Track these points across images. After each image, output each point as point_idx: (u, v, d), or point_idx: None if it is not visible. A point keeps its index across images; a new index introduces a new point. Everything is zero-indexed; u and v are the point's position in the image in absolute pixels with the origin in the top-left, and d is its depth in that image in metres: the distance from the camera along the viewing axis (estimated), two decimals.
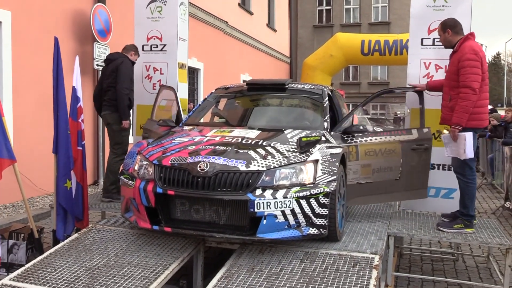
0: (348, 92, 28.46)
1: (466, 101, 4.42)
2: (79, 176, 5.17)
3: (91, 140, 9.68)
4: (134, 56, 6.16)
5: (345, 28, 29.99)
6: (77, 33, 9.37)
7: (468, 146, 4.46)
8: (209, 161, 3.88)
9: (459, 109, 4.45)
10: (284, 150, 4.09)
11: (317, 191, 3.83)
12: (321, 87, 5.48)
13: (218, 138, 4.38)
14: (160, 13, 6.68)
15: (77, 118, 5.20)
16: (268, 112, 5.49)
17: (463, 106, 4.43)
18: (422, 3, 5.51)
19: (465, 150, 4.46)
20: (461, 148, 4.49)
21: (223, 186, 3.79)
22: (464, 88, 4.43)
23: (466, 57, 4.47)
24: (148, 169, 4.11)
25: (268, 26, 21.50)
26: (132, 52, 6.16)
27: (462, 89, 4.46)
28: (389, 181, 4.87)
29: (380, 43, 14.04)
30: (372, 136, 4.83)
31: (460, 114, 4.45)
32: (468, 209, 4.67)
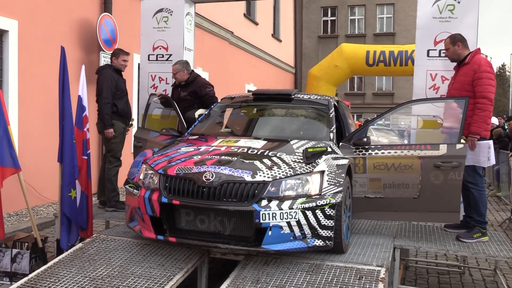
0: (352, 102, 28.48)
1: (484, 111, 4.55)
2: (84, 186, 5.17)
3: (96, 149, 9.69)
4: (117, 61, 6.13)
5: (350, 39, 30.05)
6: (83, 42, 9.42)
7: (492, 154, 4.58)
8: (215, 171, 3.87)
9: (478, 119, 4.56)
10: (290, 161, 4.08)
11: (323, 202, 3.81)
12: (327, 98, 5.48)
13: (224, 148, 4.37)
14: (166, 23, 6.72)
15: (82, 127, 5.21)
16: (274, 122, 5.48)
17: (482, 116, 4.55)
18: (429, 15, 5.51)
19: (489, 157, 4.57)
20: (483, 156, 4.58)
21: (228, 197, 3.77)
22: (482, 99, 4.56)
23: (483, 69, 4.61)
24: (153, 179, 4.10)
25: (273, 37, 21.56)
26: (113, 57, 6.17)
27: (479, 99, 4.57)
28: (405, 199, 4.63)
29: (385, 54, 14.06)
30: (385, 149, 4.65)
31: (479, 124, 4.55)
32: (484, 217, 4.76)
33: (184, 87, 6.32)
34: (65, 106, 4.97)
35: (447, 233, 4.99)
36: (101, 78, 5.97)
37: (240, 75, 17.45)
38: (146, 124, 6.08)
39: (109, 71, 6.02)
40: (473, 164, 4.66)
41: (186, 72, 6.31)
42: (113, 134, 5.91)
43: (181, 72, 6.28)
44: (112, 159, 5.93)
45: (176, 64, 6.30)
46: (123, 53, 6.18)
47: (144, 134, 5.85)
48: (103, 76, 5.97)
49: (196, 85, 6.30)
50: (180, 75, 6.29)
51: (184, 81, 6.31)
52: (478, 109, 4.57)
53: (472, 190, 4.73)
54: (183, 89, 6.32)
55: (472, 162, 4.64)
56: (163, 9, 6.73)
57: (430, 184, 4.57)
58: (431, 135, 5.31)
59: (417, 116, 5.44)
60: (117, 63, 6.13)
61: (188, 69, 6.35)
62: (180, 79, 6.30)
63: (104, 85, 5.91)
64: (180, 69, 6.27)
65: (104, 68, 6.08)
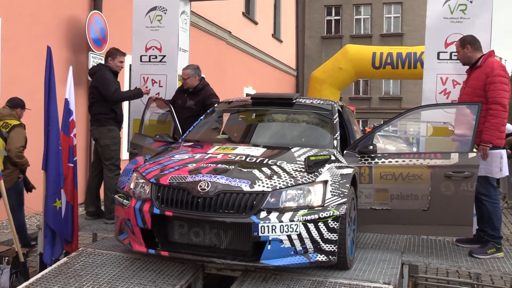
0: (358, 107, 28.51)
1: (497, 118, 4.50)
2: (70, 195, 5.15)
3: (83, 156, 9.68)
4: (113, 62, 6.08)
5: (355, 40, 30.13)
6: (71, 42, 9.43)
7: (505, 164, 4.53)
8: (211, 181, 3.87)
9: (490, 126, 4.51)
10: (291, 170, 4.08)
11: (326, 214, 3.80)
12: (330, 103, 5.48)
13: (220, 156, 4.37)
14: (160, 22, 6.73)
15: (69, 133, 5.20)
16: (274, 128, 5.48)
17: (494, 123, 4.51)
18: (439, 15, 5.53)
19: (501, 168, 4.52)
20: (495, 166, 4.53)
21: (225, 208, 3.77)
22: (495, 105, 4.52)
23: (496, 73, 4.57)
24: (145, 188, 4.10)
25: (274, 37, 21.63)
26: (109, 58, 6.11)
27: (492, 105, 4.53)
28: (414, 211, 4.63)
29: (392, 56, 14.11)
30: (392, 158, 4.65)
31: (491, 132, 4.51)
32: (499, 231, 4.73)
33: (192, 95, 6.31)
34: (50, 110, 4.96)
35: (459, 249, 4.98)
36: (99, 79, 5.90)
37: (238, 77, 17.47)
38: (143, 129, 6.08)
39: (107, 71, 5.98)
40: (486, 174, 4.64)
41: (197, 78, 6.32)
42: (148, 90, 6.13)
43: (193, 78, 6.28)
44: (112, 167, 5.89)
45: (188, 69, 6.29)
46: (119, 53, 6.14)
47: (140, 141, 5.84)
48: (102, 76, 5.90)
49: (205, 94, 6.29)
50: (191, 81, 6.28)
51: (193, 88, 6.31)
52: (491, 116, 4.54)
53: (485, 202, 4.72)
54: (190, 96, 6.31)
55: (484, 172, 4.62)
56: (156, 7, 6.75)
57: (440, 195, 4.55)
58: (442, 143, 5.31)
59: (426, 122, 5.45)
60: (113, 64, 6.09)
61: (200, 74, 6.37)
62: (190, 85, 6.30)
63: (105, 82, 5.84)
64: (192, 74, 6.26)
65: (101, 69, 6.02)
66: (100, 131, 5.93)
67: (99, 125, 5.93)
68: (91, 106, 6.04)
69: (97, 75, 5.95)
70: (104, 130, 5.91)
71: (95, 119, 5.98)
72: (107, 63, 6.10)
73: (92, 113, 6.03)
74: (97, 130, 5.94)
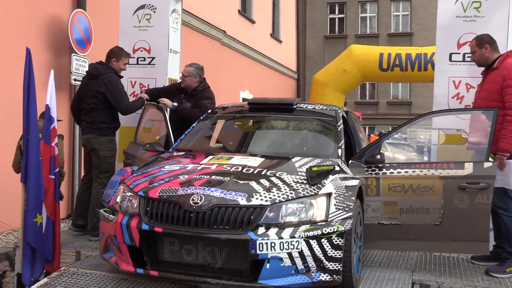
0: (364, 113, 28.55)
1: None
2: (51, 210, 5.15)
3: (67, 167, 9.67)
4: (117, 64, 6.02)
5: (361, 40, 30.23)
6: (52, 43, 9.45)
7: None
8: (204, 194, 3.87)
9: (507, 133, 4.52)
10: (291, 182, 4.08)
11: (330, 230, 3.80)
12: (334, 108, 5.50)
13: (214, 167, 4.37)
14: (148, 21, 6.75)
15: (50, 142, 5.20)
16: (273, 136, 5.49)
17: (511, 130, 4.50)
18: (451, 13, 5.56)
19: None
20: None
21: (219, 223, 3.77)
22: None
23: None
24: (132, 202, 4.10)
25: (272, 37, 21.70)
26: (113, 59, 6.02)
27: (509, 111, 4.55)
28: (425, 226, 4.63)
29: (401, 57, 14.16)
30: (402, 168, 4.65)
31: (508, 139, 4.52)
32: None
33: (189, 96, 6.33)
34: (30, 118, 4.96)
35: (474, 266, 4.98)
36: (110, 87, 5.79)
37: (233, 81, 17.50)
38: (139, 138, 6.07)
39: (116, 76, 5.92)
40: (503, 186, 4.65)
41: (197, 79, 6.34)
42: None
43: (193, 78, 6.30)
44: (106, 181, 5.75)
45: (191, 67, 6.32)
46: (124, 54, 6.09)
47: (134, 150, 5.84)
48: (113, 83, 5.81)
49: (202, 96, 6.31)
50: (191, 80, 6.31)
51: (192, 90, 6.32)
52: (508, 122, 4.56)
53: (503, 216, 4.71)
54: (187, 97, 6.33)
55: (501, 183, 4.63)
56: (145, 6, 6.77)
57: (454, 208, 4.56)
58: (455, 151, 5.32)
59: (438, 129, 5.46)
60: (117, 67, 6.01)
61: (201, 76, 6.39)
62: (188, 85, 6.32)
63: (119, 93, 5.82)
64: (193, 73, 6.29)
65: (108, 72, 5.90)
66: (100, 141, 5.87)
67: (100, 134, 5.87)
68: (89, 112, 5.92)
69: (106, 81, 5.83)
70: (105, 140, 5.88)
71: (96, 127, 5.88)
72: (111, 64, 6.00)
73: (90, 120, 5.91)
74: (97, 139, 5.86)
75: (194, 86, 6.35)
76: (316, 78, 15.51)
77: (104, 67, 6.01)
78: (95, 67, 6.06)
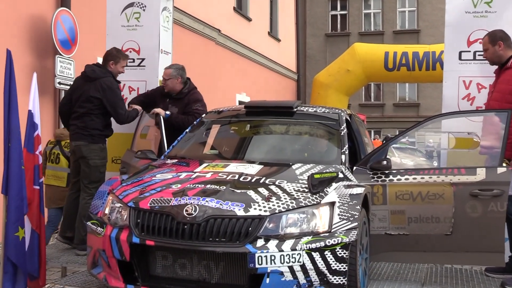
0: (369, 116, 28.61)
1: None
2: (35, 223, 5.13)
3: None
4: (115, 67, 6.00)
5: (365, 37, 30.31)
6: (35, 44, 9.45)
7: None
8: (198, 204, 3.87)
9: None
10: (292, 190, 4.09)
11: (333, 241, 3.81)
12: (337, 111, 5.51)
13: (209, 175, 4.38)
14: (138, 20, 6.76)
15: (33, 150, 5.18)
16: (272, 142, 5.51)
17: None
18: (460, 9, 5.58)
19: None
20: None
21: (215, 235, 3.77)
22: None
23: None
24: (122, 213, 4.10)
25: (270, 35, 21.73)
26: (110, 62, 6.00)
27: None
28: (435, 236, 4.63)
29: (407, 56, 14.20)
30: (409, 175, 4.67)
31: None
32: None
33: (175, 101, 6.29)
34: (11, 124, 4.95)
35: (489, 279, 4.97)
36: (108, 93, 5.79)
37: (229, 83, 17.52)
38: (135, 145, 6.07)
39: (115, 82, 5.93)
40: None
41: (180, 80, 6.28)
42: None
43: (174, 80, 6.25)
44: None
45: (171, 69, 6.28)
46: (123, 56, 6.10)
47: (129, 158, 5.84)
48: (112, 90, 5.82)
49: (189, 100, 6.28)
50: (173, 83, 6.26)
51: (176, 93, 6.31)
52: None
53: None
54: (173, 102, 6.29)
55: None
56: (134, 3, 6.78)
57: (466, 217, 4.56)
58: (466, 156, 5.33)
59: (448, 133, 5.47)
60: (115, 70, 6.01)
61: (183, 77, 6.32)
62: (171, 88, 6.28)
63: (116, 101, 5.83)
64: (174, 75, 6.23)
65: (106, 76, 5.90)
66: (91, 149, 5.85)
67: (91, 141, 5.85)
68: (81, 117, 5.90)
69: (104, 86, 5.81)
70: (97, 148, 5.87)
71: (88, 134, 5.86)
72: (108, 67, 5.99)
73: (82, 125, 5.88)
74: (87, 147, 5.85)
75: (178, 89, 6.31)
76: (317, 79, 15.54)
77: (102, 70, 5.98)
78: (93, 69, 6.01)
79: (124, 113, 5.90)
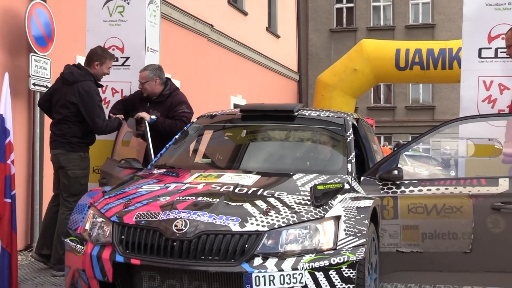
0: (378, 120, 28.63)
1: None
2: (6, 240, 5.13)
3: (24, 188, 9.64)
4: (99, 68, 6.04)
5: (374, 33, 30.40)
6: (6, 41, 9.45)
7: None
8: (189, 218, 3.87)
9: None
10: (292, 203, 4.10)
11: (339, 260, 3.81)
12: (343, 115, 5.53)
13: (201, 186, 4.39)
14: (121, 14, 6.76)
15: (5, 159, 5.19)
16: (271, 149, 5.52)
17: None
18: (480, 1, 5.58)
19: None
20: None
21: (208, 253, 3.77)
22: None
23: None
24: (104, 229, 4.10)
25: (269, 31, 21.77)
26: (96, 62, 6.03)
27: None
28: (452, 254, 4.64)
29: (421, 53, 14.21)
30: (423, 186, 4.68)
31: None
32: None
33: (156, 105, 6.28)
34: None
35: None
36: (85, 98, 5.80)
37: (223, 84, 17.54)
38: (116, 153, 6.07)
39: (93, 85, 5.92)
40: None
41: (158, 82, 6.27)
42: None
43: (152, 82, 6.24)
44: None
45: (146, 71, 6.28)
46: (109, 56, 6.12)
47: (111, 167, 5.82)
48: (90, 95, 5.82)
49: (171, 102, 6.26)
50: (151, 86, 6.25)
51: (156, 96, 6.30)
52: None
53: None
54: (153, 106, 6.27)
55: None
56: None
57: (487, 233, 4.56)
58: (487, 165, 5.34)
59: (466, 139, 5.48)
60: (99, 72, 6.04)
61: (162, 77, 6.32)
62: (150, 92, 6.28)
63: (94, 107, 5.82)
64: (150, 77, 6.22)
65: (86, 79, 5.92)
66: (70, 158, 5.86)
67: (69, 150, 5.86)
68: (58, 123, 5.94)
69: (82, 90, 5.83)
70: (76, 157, 5.87)
71: (66, 141, 5.88)
72: (91, 69, 6.00)
73: (60, 132, 5.92)
74: (66, 156, 5.86)
75: (158, 91, 6.30)
76: (321, 80, 15.55)
77: (81, 72, 5.98)
78: (71, 71, 6.01)
79: (101, 122, 5.87)
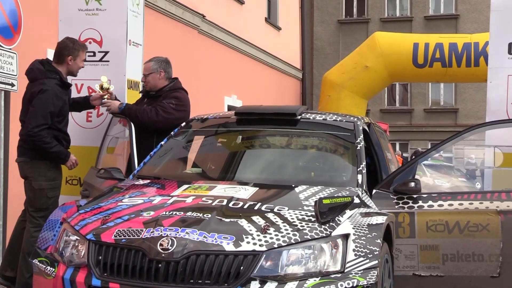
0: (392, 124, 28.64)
1: None
2: None
3: None
4: (73, 63, 5.98)
5: (388, 25, 30.43)
6: None
7: None
8: (176, 236, 3.88)
9: None
10: (294, 219, 4.11)
11: (347, 284, 3.81)
12: (352, 119, 5.55)
13: (190, 200, 4.39)
14: (99, 3, 6.76)
15: None
16: (270, 158, 5.52)
17: None
18: None
19: None
20: None
21: (198, 276, 3.77)
22: None
23: None
24: (79, 248, 4.10)
25: (268, 22, 21.79)
26: (69, 57, 5.96)
27: None
28: (478, 278, 4.65)
29: (442, 48, 14.22)
30: (444, 200, 4.69)
31: None
32: None
33: (152, 100, 6.31)
34: None
35: None
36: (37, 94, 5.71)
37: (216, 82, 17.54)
38: (101, 161, 6.06)
39: (56, 87, 5.79)
40: None
41: (163, 75, 6.33)
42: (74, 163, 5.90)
43: (156, 75, 6.29)
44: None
45: (151, 62, 6.34)
46: (82, 47, 6.07)
47: (93, 178, 5.79)
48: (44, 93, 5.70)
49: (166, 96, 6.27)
50: (154, 78, 6.30)
51: (156, 91, 6.32)
52: None
53: None
54: (151, 101, 6.30)
55: None
56: None
57: None
58: None
59: (494, 147, 5.49)
60: (75, 66, 6.01)
61: (168, 71, 6.37)
62: (152, 85, 6.33)
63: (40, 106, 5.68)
64: (154, 68, 6.28)
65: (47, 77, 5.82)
66: (34, 166, 5.76)
67: (33, 157, 5.75)
68: (23, 125, 5.87)
69: (37, 89, 5.75)
70: (41, 166, 5.76)
71: (28, 148, 5.77)
72: (64, 65, 5.95)
73: (23, 138, 5.84)
74: (29, 165, 5.77)
75: (161, 85, 6.33)
76: (327, 78, 15.59)
77: (42, 69, 5.91)
78: (32, 67, 5.98)
79: (34, 126, 5.64)
